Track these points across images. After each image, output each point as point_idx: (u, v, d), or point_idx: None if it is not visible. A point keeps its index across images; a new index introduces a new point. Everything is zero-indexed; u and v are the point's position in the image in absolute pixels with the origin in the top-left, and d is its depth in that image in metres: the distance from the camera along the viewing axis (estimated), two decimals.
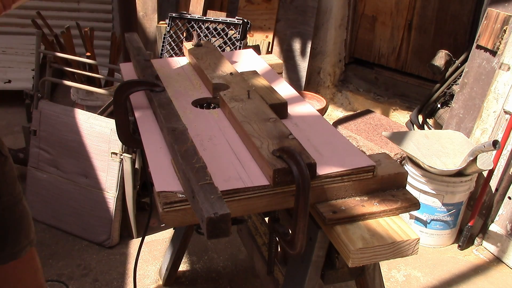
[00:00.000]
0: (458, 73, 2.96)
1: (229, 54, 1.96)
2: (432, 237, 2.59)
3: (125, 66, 1.77)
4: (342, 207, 1.14)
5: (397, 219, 1.15)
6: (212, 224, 0.85)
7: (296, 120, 1.40)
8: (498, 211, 2.53)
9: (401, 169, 1.21)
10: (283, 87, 1.62)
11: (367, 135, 3.06)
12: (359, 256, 1.06)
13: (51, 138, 2.56)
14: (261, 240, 1.88)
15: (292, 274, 1.32)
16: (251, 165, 1.16)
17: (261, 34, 3.86)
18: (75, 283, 2.27)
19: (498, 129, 2.50)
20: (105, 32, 4.24)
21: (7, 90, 3.92)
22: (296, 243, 1.07)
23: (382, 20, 3.66)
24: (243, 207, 1.09)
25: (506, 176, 2.46)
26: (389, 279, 2.36)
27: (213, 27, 2.98)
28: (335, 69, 3.99)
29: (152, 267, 2.39)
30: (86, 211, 2.50)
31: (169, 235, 2.58)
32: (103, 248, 2.48)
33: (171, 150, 1.14)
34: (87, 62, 2.94)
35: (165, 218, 1.03)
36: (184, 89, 1.60)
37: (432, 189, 2.47)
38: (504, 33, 2.44)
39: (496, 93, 2.51)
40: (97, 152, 2.46)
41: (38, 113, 2.59)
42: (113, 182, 2.44)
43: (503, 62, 2.46)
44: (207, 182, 0.94)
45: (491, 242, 2.57)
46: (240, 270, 2.40)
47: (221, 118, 1.40)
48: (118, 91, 1.19)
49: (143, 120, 1.36)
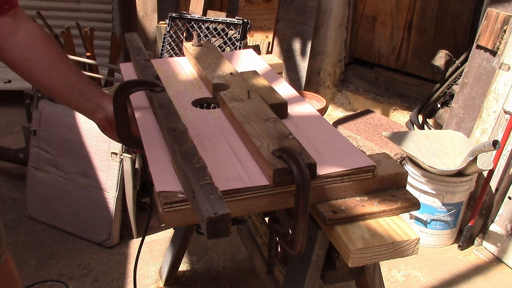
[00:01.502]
0: (458, 73, 2.96)
1: (229, 54, 1.96)
2: (432, 237, 2.59)
3: (125, 66, 1.77)
4: (342, 207, 1.14)
5: (397, 219, 1.15)
6: (212, 224, 0.85)
7: (296, 120, 1.40)
8: (498, 211, 2.53)
9: (401, 169, 1.21)
10: (283, 87, 1.62)
11: (367, 135, 3.06)
12: (359, 256, 1.06)
13: (51, 138, 2.56)
14: (261, 240, 1.88)
15: (292, 274, 1.32)
16: (251, 165, 1.16)
17: (261, 34, 3.86)
18: (75, 283, 2.27)
19: (498, 129, 2.50)
20: (105, 32, 4.23)
21: (7, 90, 3.92)
22: (296, 243, 1.07)
23: (382, 20, 3.66)
24: (243, 207, 1.09)
25: (506, 176, 2.46)
26: (389, 279, 2.36)
27: (213, 27, 2.98)
28: (335, 69, 3.99)
29: (152, 267, 2.39)
30: (86, 211, 2.50)
31: (169, 235, 2.58)
32: (103, 248, 2.48)
33: (171, 150, 1.14)
34: (87, 62, 2.94)
35: (165, 218, 1.03)
36: (184, 89, 1.60)
37: (432, 189, 2.47)
38: (504, 33, 2.44)
39: (496, 93, 2.50)
40: (97, 152, 2.46)
41: (38, 113, 2.59)
42: (113, 182, 2.44)
43: (503, 62, 2.46)
44: (207, 182, 0.94)
45: (491, 242, 2.57)
46: (240, 270, 2.40)
47: (221, 118, 1.40)
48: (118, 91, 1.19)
49: (143, 120, 1.35)
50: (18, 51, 1.20)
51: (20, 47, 1.20)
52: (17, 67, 1.22)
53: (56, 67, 1.23)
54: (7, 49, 1.20)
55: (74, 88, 1.23)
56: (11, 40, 1.19)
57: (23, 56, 1.21)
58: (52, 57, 1.23)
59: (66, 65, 1.25)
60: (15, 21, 1.20)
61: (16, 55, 1.21)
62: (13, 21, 1.20)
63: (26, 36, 1.21)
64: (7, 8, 1.18)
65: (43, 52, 1.22)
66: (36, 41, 1.22)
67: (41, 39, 1.23)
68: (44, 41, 1.23)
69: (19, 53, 1.20)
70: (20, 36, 1.20)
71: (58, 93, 1.25)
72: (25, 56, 1.20)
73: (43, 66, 1.22)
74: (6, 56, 1.21)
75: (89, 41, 3.11)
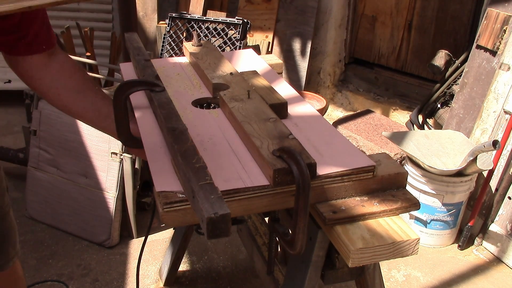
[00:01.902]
0: (458, 73, 2.96)
1: (229, 54, 1.96)
2: (432, 237, 2.59)
3: (125, 66, 1.77)
4: (342, 207, 1.14)
5: (397, 219, 1.15)
6: (212, 224, 0.85)
7: (296, 120, 1.40)
8: (498, 211, 2.53)
9: (401, 169, 1.21)
10: (283, 87, 1.62)
11: (367, 135, 3.06)
12: (359, 256, 1.06)
13: (51, 138, 2.56)
14: (261, 240, 1.88)
15: (292, 274, 1.32)
16: (251, 165, 1.16)
17: (261, 34, 3.85)
18: (75, 283, 2.27)
19: (498, 129, 2.50)
20: (105, 32, 4.23)
21: (7, 90, 3.92)
22: (296, 243, 1.07)
23: (382, 20, 3.66)
24: (243, 207, 1.09)
25: (506, 176, 2.46)
26: (389, 279, 2.36)
27: (213, 27, 2.98)
28: (335, 69, 3.99)
29: (152, 267, 2.39)
30: (86, 211, 2.50)
31: (169, 235, 2.58)
32: (103, 248, 2.48)
33: (171, 150, 1.14)
34: (87, 62, 2.94)
35: (165, 218, 1.03)
36: (184, 89, 1.60)
37: (432, 189, 2.47)
38: (504, 33, 2.44)
39: (496, 93, 2.51)
40: (97, 152, 2.46)
41: (38, 113, 2.59)
42: (113, 182, 2.44)
43: (503, 62, 2.46)
44: (207, 182, 0.94)
45: (491, 242, 2.57)
46: (240, 270, 2.40)
47: (221, 118, 1.40)
48: (118, 91, 1.19)
49: (143, 120, 1.35)
50: (48, 82, 1.26)
51: (50, 78, 1.26)
52: (46, 95, 1.29)
53: (82, 94, 1.29)
54: (38, 79, 1.26)
55: (100, 112, 1.29)
56: (42, 72, 1.25)
57: (52, 86, 1.27)
58: (80, 85, 1.29)
59: (93, 91, 1.30)
60: (49, 55, 1.26)
61: (46, 85, 1.27)
62: (47, 55, 1.26)
63: (57, 68, 1.27)
64: (45, 48, 1.24)
65: (71, 81, 1.28)
66: (65, 72, 1.28)
67: (70, 69, 1.29)
68: (72, 71, 1.29)
69: (49, 84, 1.26)
70: (52, 68, 1.26)
71: (86, 118, 1.32)
72: (54, 85, 1.27)
73: (70, 94, 1.28)
74: (36, 84, 1.27)
75: (89, 41, 3.10)
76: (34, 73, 1.25)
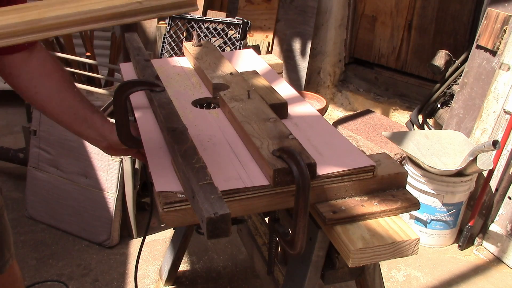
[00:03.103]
0: (458, 73, 2.96)
1: (229, 54, 1.96)
2: (432, 237, 2.59)
3: (125, 66, 1.77)
4: (342, 207, 1.14)
5: (397, 219, 1.15)
6: (212, 224, 0.85)
7: (296, 120, 1.40)
8: (498, 211, 2.53)
9: (401, 169, 1.21)
10: (283, 87, 1.62)
11: (367, 135, 3.06)
12: (359, 256, 1.06)
13: (51, 138, 2.56)
14: (261, 240, 1.88)
15: (292, 274, 1.32)
16: (251, 165, 1.16)
17: (261, 34, 3.85)
18: (75, 283, 2.27)
19: (498, 129, 2.50)
20: (105, 32, 4.23)
21: (7, 90, 3.91)
22: (296, 243, 1.07)
23: (382, 20, 3.66)
24: (243, 207, 1.09)
25: (506, 176, 2.46)
26: (389, 279, 2.36)
27: (213, 27, 2.98)
28: (335, 69, 3.99)
29: (152, 267, 2.39)
30: (86, 211, 2.50)
31: (169, 235, 2.57)
32: (103, 248, 2.48)
33: (171, 150, 1.14)
34: (87, 62, 2.94)
35: (165, 218, 1.03)
36: (184, 89, 1.60)
37: (432, 189, 2.47)
38: (504, 33, 2.44)
39: (496, 93, 2.51)
40: (97, 152, 2.46)
41: (38, 113, 2.59)
42: (113, 182, 2.44)
43: (503, 62, 2.46)
44: (207, 182, 0.94)
45: (491, 242, 2.57)
46: (240, 270, 2.40)
47: (221, 118, 1.40)
48: (118, 91, 1.19)
49: (143, 120, 1.35)
50: (27, 80, 1.24)
51: (28, 75, 1.24)
52: (24, 94, 1.26)
53: (60, 94, 1.25)
54: (16, 76, 1.23)
55: (76, 115, 1.26)
56: (22, 69, 1.23)
57: (31, 84, 1.24)
58: (58, 85, 1.26)
59: (71, 92, 1.27)
60: (29, 52, 1.24)
61: (24, 83, 1.24)
62: (28, 52, 1.23)
63: (36, 65, 1.24)
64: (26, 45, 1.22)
65: (49, 80, 1.25)
66: (45, 70, 1.25)
67: (50, 67, 1.26)
68: (52, 70, 1.26)
69: (27, 82, 1.24)
70: (31, 65, 1.24)
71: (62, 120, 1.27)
72: (32, 83, 1.24)
73: (48, 93, 1.25)
74: (15, 82, 1.25)
75: (89, 41, 3.11)
76: (12, 69, 1.22)
